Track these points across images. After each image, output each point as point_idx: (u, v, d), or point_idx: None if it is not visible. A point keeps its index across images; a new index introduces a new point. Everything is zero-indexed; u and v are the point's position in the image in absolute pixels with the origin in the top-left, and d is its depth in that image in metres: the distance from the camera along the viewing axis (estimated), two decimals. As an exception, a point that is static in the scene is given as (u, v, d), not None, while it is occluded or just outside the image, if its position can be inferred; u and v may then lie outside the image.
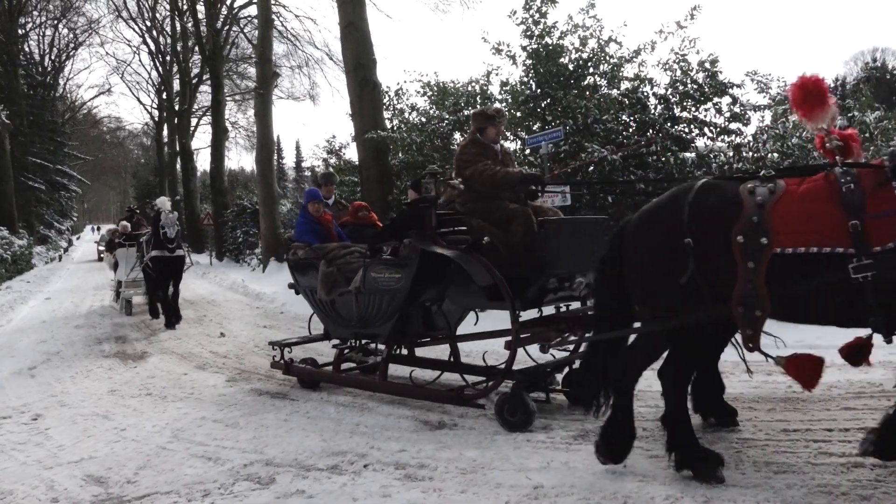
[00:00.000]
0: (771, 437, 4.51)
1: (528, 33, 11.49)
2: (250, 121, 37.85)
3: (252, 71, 31.72)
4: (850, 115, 10.82)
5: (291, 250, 6.82)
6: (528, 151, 11.50)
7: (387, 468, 4.40)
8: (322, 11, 35.96)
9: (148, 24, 36.42)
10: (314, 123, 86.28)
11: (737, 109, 10.73)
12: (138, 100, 47.41)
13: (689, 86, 10.80)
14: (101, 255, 31.84)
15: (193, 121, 38.59)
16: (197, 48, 30.80)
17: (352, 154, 15.37)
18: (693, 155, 10.85)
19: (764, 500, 3.56)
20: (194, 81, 35.92)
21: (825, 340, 7.50)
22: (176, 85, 38.13)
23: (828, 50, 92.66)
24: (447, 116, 12.12)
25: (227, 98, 33.23)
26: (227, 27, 30.50)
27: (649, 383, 6.13)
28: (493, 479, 4.09)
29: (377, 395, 6.44)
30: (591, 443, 4.62)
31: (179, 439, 5.33)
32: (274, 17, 25.18)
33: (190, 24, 31.15)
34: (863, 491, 3.57)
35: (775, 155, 10.22)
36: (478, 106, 11.98)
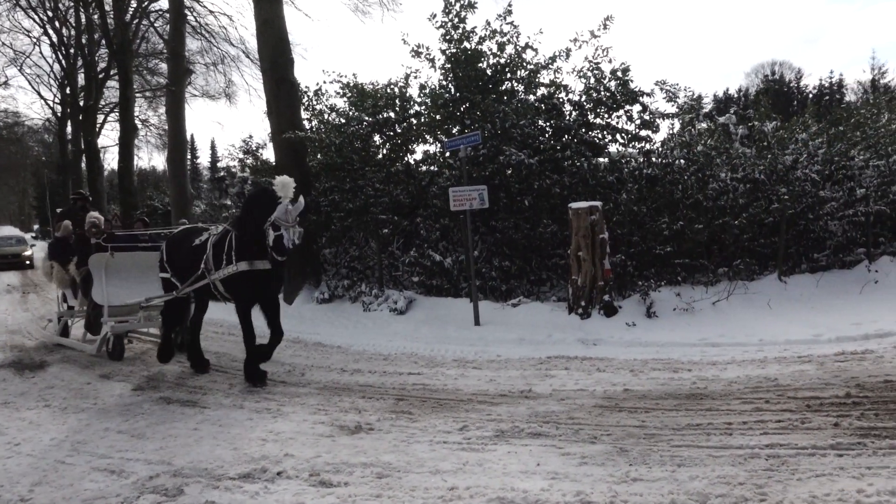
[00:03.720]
0: (676, 431, 4.71)
1: (448, 37, 11.57)
2: (162, 119, 36.32)
3: (164, 67, 30.49)
4: (749, 124, 11.45)
5: None
6: (447, 154, 11.58)
7: (301, 475, 4.32)
8: (238, 7, 35.06)
9: (49, 14, 34.34)
10: (231, 123, 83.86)
11: (647, 117, 11.16)
12: (39, 94, 44.26)
13: (602, 93, 11.17)
14: (31, 263, 28.54)
15: (100, 117, 36.61)
16: (104, 41, 29.27)
17: (269, 155, 15.04)
18: (606, 160, 11.21)
19: (668, 492, 3.71)
20: (101, 76, 34.05)
21: (727, 338, 7.92)
22: (81, 79, 36.08)
23: (731, 62, 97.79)
24: (366, 118, 12.02)
25: (137, 94, 31.71)
26: (136, 20, 29.17)
27: (563, 382, 6.31)
28: (408, 483, 4.09)
29: (293, 399, 6.31)
30: (507, 442, 4.71)
31: (80, 452, 5.07)
32: (187, 11, 24.30)
33: (96, 16, 29.52)
34: (758, 480, 3.78)
35: (682, 161, 10.69)
36: (397, 108, 11.94)
